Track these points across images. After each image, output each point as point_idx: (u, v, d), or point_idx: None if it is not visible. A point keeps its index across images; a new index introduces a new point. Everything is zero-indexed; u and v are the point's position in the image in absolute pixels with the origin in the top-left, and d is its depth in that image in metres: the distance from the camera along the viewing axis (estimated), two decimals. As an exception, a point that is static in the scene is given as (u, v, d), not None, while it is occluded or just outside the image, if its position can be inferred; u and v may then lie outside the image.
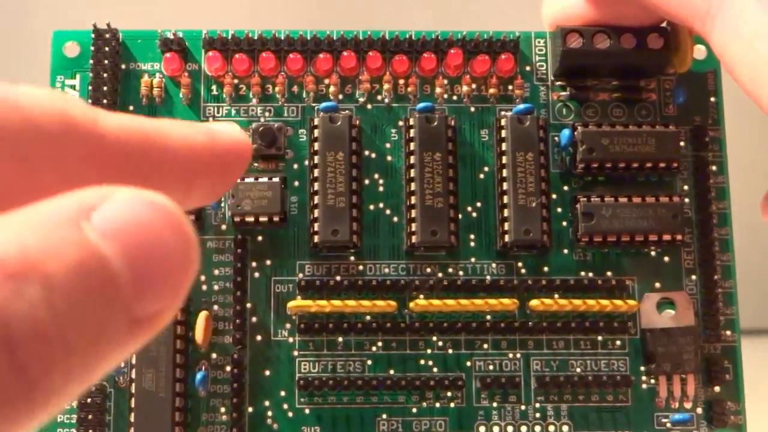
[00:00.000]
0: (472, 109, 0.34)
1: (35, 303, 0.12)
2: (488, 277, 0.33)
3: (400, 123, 0.34)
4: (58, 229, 0.12)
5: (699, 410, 0.33)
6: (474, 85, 0.34)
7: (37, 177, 0.15)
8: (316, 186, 0.32)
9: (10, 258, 0.12)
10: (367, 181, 0.33)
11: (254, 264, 0.33)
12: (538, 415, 0.32)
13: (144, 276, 0.13)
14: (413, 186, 0.33)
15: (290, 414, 0.32)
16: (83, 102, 0.16)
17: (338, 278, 0.33)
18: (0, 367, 0.12)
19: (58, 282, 0.12)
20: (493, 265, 0.33)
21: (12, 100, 0.14)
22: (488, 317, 0.33)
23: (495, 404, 0.33)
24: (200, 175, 0.17)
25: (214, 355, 0.32)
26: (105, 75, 0.33)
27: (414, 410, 0.32)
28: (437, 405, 0.32)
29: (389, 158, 0.34)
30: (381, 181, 0.34)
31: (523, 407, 0.33)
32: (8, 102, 0.14)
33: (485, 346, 0.33)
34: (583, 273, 0.33)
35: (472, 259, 0.33)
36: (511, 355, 0.33)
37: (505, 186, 0.33)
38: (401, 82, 0.34)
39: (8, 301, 0.12)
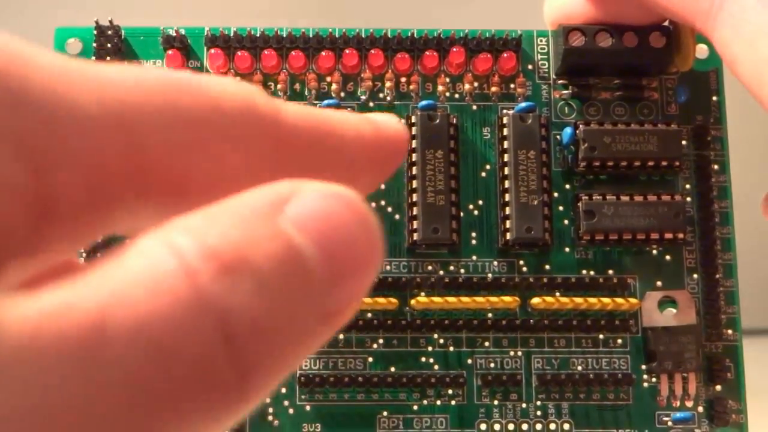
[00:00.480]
0: (474, 107, 0.34)
1: (250, 297, 0.12)
2: (490, 275, 0.33)
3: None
4: (257, 222, 0.12)
5: (700, 409, 0.33)
6: (476, 84, 0.34)
7: (222, 166, 0.14)
8: (318, 183, 0.32)
9: (223, 250, 0.12)
10: (368, 179, 0.33)
11: (256, 261, 0.33)
12: (539, 413, 0.32)
13: (336, 269, 0.13)
14: (415, 183, 0.33)
15: (291, 411, 0.32)
16: (265, 92, 0.15)
17: (340, 275, 0.33)
18: (220, 360, 0.12)
19: (266, 275, 0.12)
20: (495, 262, 0.33)
21: (202, 87, 0.14)
22: (489, 315, 0.33)
23: (496, 402, 0.32)
24: (366, 166, 0.17)
25: (215, 352, 0.32)
26: (107, 71, 0.33)
27: (415, 408, 0.32)
28: (438, 402, 0.32)
29: (391, 156, 0.34)
30: (383, 179, 0.34)
31: (524, 405, 0.33)
32: (199, 89, 0.14)
33: (486, 343, 0.33)
34: (584, 271, 0.33)
35: (474, 257, 0.33)
36: (512, 353, 0.33)
37: (506, 184, 0.33)
38: (403, 80, 0.34)
39: (227, 294, 0.12)
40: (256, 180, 0.14)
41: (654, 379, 0.33)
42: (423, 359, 0.33)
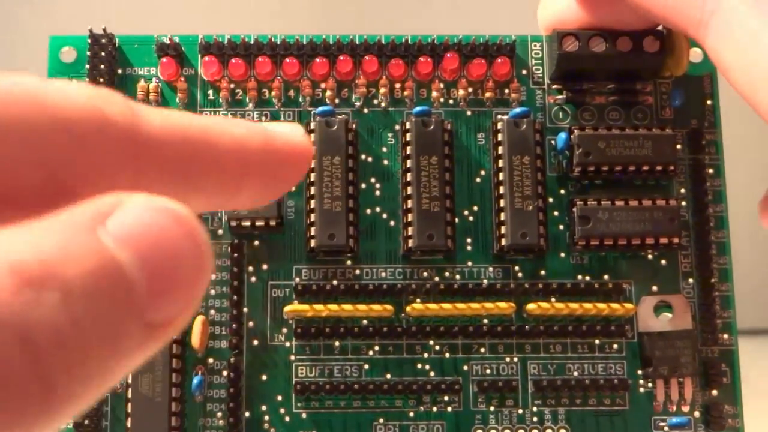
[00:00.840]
0: (469, 112, 0.34)
1: (55, 309, 0.12)
2: (485, 281, 0.33)
3: (397, 127, 0.34)
4: (74, 236, 0.12)
5: (697, 414, 0.33)
6: (470, 89, 0.34)
7: (65, 180, 0.14)
8: (313, 190, 0.32)
9: (29, 265, 0.12)
10: (363, 186, 0.33)
11: (251, 268, 0.33)
12: (535, 419, 0.32)
13: (158, 282, 0.13)
14: (410, 190, 0.33)
15: (287, 419, 0.32)
16: (124, 99, 0.15)
17: (335, 282, 0.33)
18: (22, 375, 0.12)
19: (76, 288, 0.12)
20: (490, 268, 0.33)
21: (38, 96, 0.14)
22: (485, 321, 0.33)
23: (492, 408, 0.32)
24: (250, 177, 0.16)
25: (210, 360, 0.32)
26: (101, 80, 0.33)
27: (411, 414, 0.32)
28: (434, 409, 0.32)
29: (386, 162, 0.34)
30: (377, 185, 0.34)
31: (520, 411, 0.32)
32: (34, 98, 0.14)
33: (482, 349, 0.33)
34: (579, 276, 0.33)
35: (469, 263, 0.33)
36: (508, 359, 0.33)
37: (501, 189, 0.33)
38: (397, 86, 0.34)
39: (29, 307, 0.12)
40: (114, 191, 0.13)
41: (650, 385, 0.33)
42: (419, 366, 0.33)
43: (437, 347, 0.33)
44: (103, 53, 0.33)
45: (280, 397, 0.32)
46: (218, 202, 0.17)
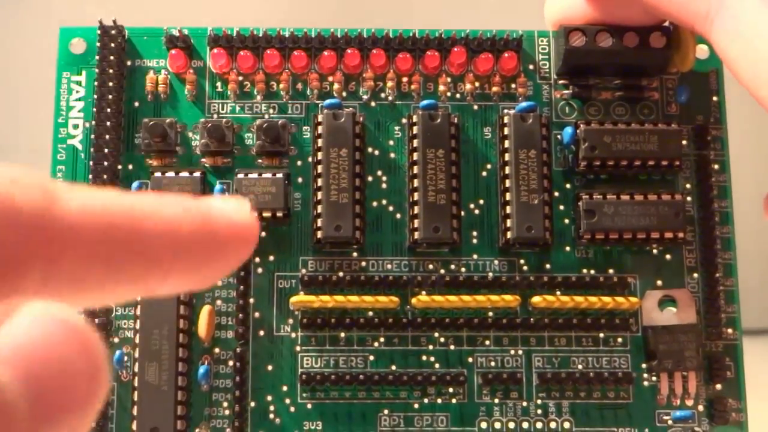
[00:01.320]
0: (475, 106, 0.34)
1: None
2: (490, 274, 0.33)
3: (404, 120, 0.34)
4: None
5: (700, 407, 0.33)
6: (477, 83, 0.34)
7: None
8: (320, 182, 0.33)
9: None
10: (370, 178, 0.34)
11: (257, 259, 0.33)
12: (539, 411, 0.33)
13: (44, 404, 0.12)
14: (416, 183, 0.33)
15: (292, 409, 0.32)
16: (38, 181, 0.13)
17: (341, 274, 0.33)
18: None
19: None
20: (495, 261, 0.33)
21: None
22: (490, 314, 0.33)
23: (497, 400, 0.33)
24: (180, 262, 0.15)
25: (216, 350, 0.33)
26: (111, 71, 0.33)
27: (416, 406, 0.32)
28: (439, 401, 0.33)
29: (392, 155, 0.34)
30: (384, 178, 0.34)
31: (524, 403, 0.33)
32: None
33: (487, 342, 0.33)
34: (585, 270, 0.33)
35: (475, 256, 0.33)
36: (512, 352, 0.33)
37: (507, 183, 0.33)
38: (405, 79, 0.34)
39: None
40: (23, 287, 0.12)
41: (654, 378, 0.33)
42: (424, 358, 0.33)
43: (442, 339, 0.33)
44: (112, 45, 0.34)
45: (285, 388, 0.32)
46: (142, 289, 0.15)
